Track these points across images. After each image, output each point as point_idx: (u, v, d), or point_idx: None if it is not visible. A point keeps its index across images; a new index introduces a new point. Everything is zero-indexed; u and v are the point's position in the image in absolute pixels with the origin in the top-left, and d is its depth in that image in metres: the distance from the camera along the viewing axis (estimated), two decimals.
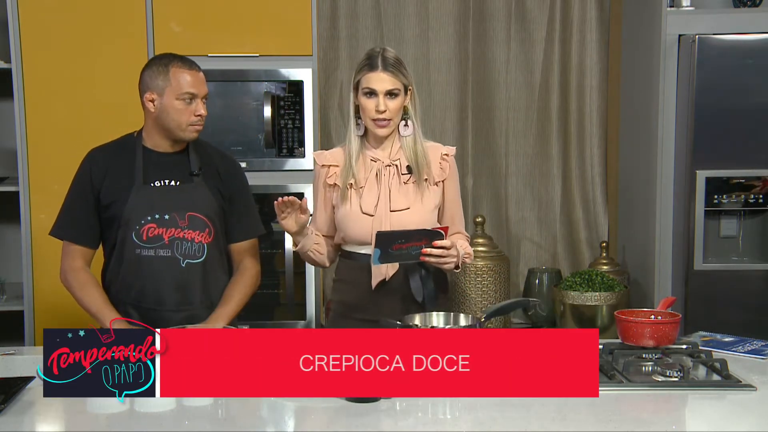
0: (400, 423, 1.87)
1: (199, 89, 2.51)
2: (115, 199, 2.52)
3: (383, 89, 2.44)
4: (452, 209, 2.58)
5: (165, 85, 2.49)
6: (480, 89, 4.23)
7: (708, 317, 3.38)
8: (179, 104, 2.49)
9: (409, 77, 2.49)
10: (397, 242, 2.31)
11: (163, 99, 2.49)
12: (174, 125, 2.51)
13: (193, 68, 2.52)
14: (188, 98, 2.49)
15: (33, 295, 3.54)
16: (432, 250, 2.32)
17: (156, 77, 2.50)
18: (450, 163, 2.56)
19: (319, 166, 2.59)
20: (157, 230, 2.51)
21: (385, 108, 2.44)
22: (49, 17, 3.50)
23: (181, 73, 2.49)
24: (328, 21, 4.14)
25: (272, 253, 3.66)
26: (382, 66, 2.44)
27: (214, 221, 2.58)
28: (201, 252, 2.55)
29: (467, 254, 2.52)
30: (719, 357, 2.28)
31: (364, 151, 2.54)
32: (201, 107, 2.52)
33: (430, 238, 2.32)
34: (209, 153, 2.65)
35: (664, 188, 3.65)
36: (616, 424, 1.85)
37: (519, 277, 4.25)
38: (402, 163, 2.51)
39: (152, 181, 2.54)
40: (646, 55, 3.74)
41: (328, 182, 2.56)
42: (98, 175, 2.54)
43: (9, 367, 2.33)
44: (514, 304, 2.64)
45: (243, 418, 1.93)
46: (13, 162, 3.64)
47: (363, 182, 2.51)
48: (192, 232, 2.53)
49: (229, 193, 2.63)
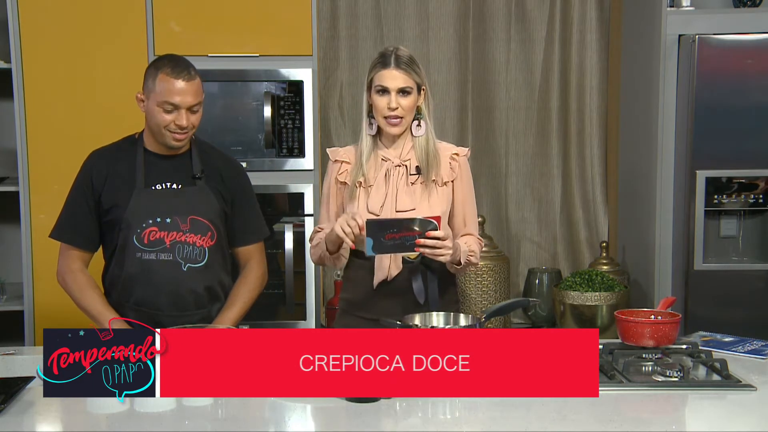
0: (400, 423, 1.88)
1: (182, 100, 2.43)
2: (116, 203, 2.51)
3: (395, 87, 2.43)
4: (463, 210, 2.55)
5: (151, 89, 2.45)
6: (480, 89, 4.23)
7: (708, 317, 3.38)
8: (158, 111, 2.44)
9: (423, 76, 2.48)
10: (389, 231, 2.28)
11: (147, 102, 2.48)
12: (156, 130, 2.49)
13: (182, 77, 2.43)
14: (169, 107, 2.43)
15: (33, 295, 3.54)
16: (426, 240, 2.29)
17: (147, 78, 2.47)
18: (460, 164, 2.54)
19: (331, 162, 2.59)
20: (158, 234, 2.50)
21: (397, 105, 2.44)
22: (49, 17, 3.50)
23: (166, 81, 2.42)
24: (328, 21, 4.14)
25: (272, 253, 3.65)
26: (395, 64, 2.44)
27: (217, 224, 2.57)
28: (202, 256, 2.54)
29: (471, 252, 2.49)
30: (719, 357, 2.28)
31: (376, 150, 2.53)
32: (183, 118, 2.44)
33: (422, 228, 2.29)
34: (212, 155, 2.63)
35: (664, 188, 3.65)
36: (616, 424, 1.85)
37: (519, 277, 4.25)
38: (412, 163, 2.51)
39: (154, 184, 2.52)
40: (646, 55, 3.74)
41: (339, 179, 2.56)
42: (99, 178, 2.53)
43: (9, 367, 2.33)
44: (514, 304, 2.63)
45: (243, 418, 1.93)
46: (13, 162, 3.64)
47: (372, 181, 2.51)
48: (194, 236, 2.52)
49: (231, 196, 2.62)
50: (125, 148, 2.58)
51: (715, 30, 3.51)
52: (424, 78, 2.49)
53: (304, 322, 3.66)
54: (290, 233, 3.59)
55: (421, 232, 2.29)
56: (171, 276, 2.50)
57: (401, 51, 2.48)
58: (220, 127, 3.56)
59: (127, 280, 2.52)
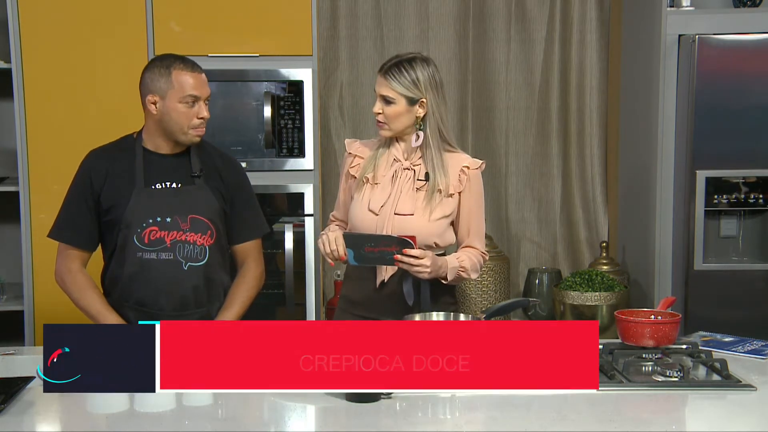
0: (400, 423, 1.87)
1: (201, 91, 2.48)
2: (115, 203, 2.51)
3: (379, 93, 2.46)
4: (467, 222, 2.54)
5: (167, 87, 2.46)
6: (480, 89, 4.23)
7: (708, 317, 3.38)
8: (182, 107, 2.46)
9: (422, 89, 2.44)
10: (367, 245, 2.35)
11: (165, 102, 2.47)
12: (176, 128, 2.49)
13: (195, 70, 2.49)
14: (191, 101, 2.47)
15: (33, 295, 3.54)
16: (402, 257, 2.34)
17: (158, 79, 2.47)
18: (470, 177, 2.52)
19: (346, 153, 2.61)
20: (159, 233, 2.50)
21: (380, 111, 2.46)
22: (49, 17, 3.50)
23: (183, 75, 2.46)
24: (328, 21, 4.14)
25: (272, 253, 3.66)
26: (384, 71, 2.46)
27: (216, 223, 2.57)
28: (203, 255, 2.54)
29: (462, 268, 2.48)
30: (719, 357, 2.28)
31: (391, 150, 2.54)
32: (204, 110, 2.49)
33: (399, 245, 2.34)
34: (210, 154, 2.63)
35: (664, 188, 3.64)
36: (616, 424, 1.85)
37: (519, 277, 4.25)
38: (421, 169, 2.51)
39: (153, 184, 2.52)
40: (646, 55, 3.74)
41: (351, 172, 2.57)
42: (98, 177, 2.53)
43: (9, 367, 2.33)
44: (514, 304, 2.63)
45: (243, 417, 1.93)
46: (13, 162, 3.63)
47: (380, 179, 2.51)
48: (194, 235, 2.52)
49: (230, 194, 2.62)
50: (124, 147, 2.58)
51: (715, 30, 3.50)
52: (425, 91, 2.45)
53: None
54: (290, 233, 3.59)
55: (399, 249, 2.33)
56: (172, 275, 2.50)
57: (402, 59, 2.46)
58: (220, 127, 3.56)
59: (128, 280, 2.52)
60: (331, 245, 2.39)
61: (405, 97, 2.44)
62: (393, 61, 2.47)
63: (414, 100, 2.45)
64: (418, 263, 2.35)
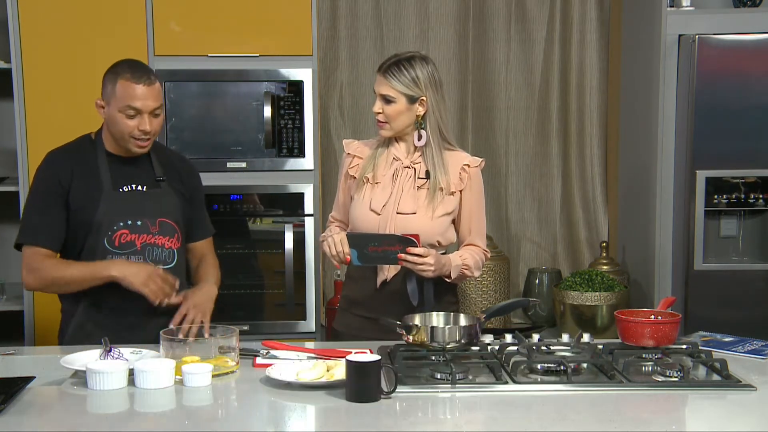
0: (400, 423, 1.87)
1: (144, 104, 2.43)
2: (84, 204, 2.48)
3: (378, 92, 2.47)
4: (468, 220, 2.55)
5: (111, 95, 2.45)
6: (480, 89, 4.23)
7: (708, 317, 3.38)
8: (121, 117, 2.44)
9: (422, 87, 2.45)
10: (371, 244, 2.36)
11: (108, 109, 2.47)
12: (119, 137, 2.49)
13: (142, 81, 2.43)
14: (132, 113, 2.43)
15: (33, 295, 3.54)
16: (406, 256, 2.34)
17: (107, 84, 2.48)
18: (471, 175, 2.53)
19: (345, 154, 2.61)
20: (129, 236, 2.49)
21: (380, 110, 2.47)
22: (49, 17, 3.50)
23: (127, 86, 2.43)
24: (328, 21, 4.14)
25: (272, 253, 3.66)
26: (383, 69, 2.47)
27: (181, 226, 2.60)
28: (171, 258, 2.56)
29: (465, 266, 2.50)
30: (719, 357, 2.28)
31: (390, 149, 2.54)
32: (146, 123, 2.44)
33: (403, 244, 2.34)
34: (169, 156, 2.67)
35: (664, 188, 3.64)
36: (616, 424, 1.85)
37: (519, 277, 4.25)
38: (421, 167, 2.51)
39: (121, 186, 2.52)
40: (646, 55, 3.74)
41: (350, 173, 2.57)
42: (66, 176, 2.50)
43: (9, 367, 2.33)
44: (514, 304, 2.64)
45: (243, 418, 1.93)
46: (13, 162, 3.63)
47: (380, 179, 2.51)
48: (162, 238, 2.54)
49: (189, 195, 2.65)
50: (85, 148, 2.56)
51: (715, 30, 3.50)
52: (425, 89, 2.46)
53: (304, 322, 3.66)
54: (290, 233, 3.59)
55: (403, 247, 2.33)
56: None
57: (401, 58, 2.47)
58: (220, 127, 3.56)
59: None
60: (337, 247, 2.39)
61: (405, 96, 2.45)
62: (392, 60, 2.48)
63: (414, 98, 2.45)
64: (422, 262, 2.35)
